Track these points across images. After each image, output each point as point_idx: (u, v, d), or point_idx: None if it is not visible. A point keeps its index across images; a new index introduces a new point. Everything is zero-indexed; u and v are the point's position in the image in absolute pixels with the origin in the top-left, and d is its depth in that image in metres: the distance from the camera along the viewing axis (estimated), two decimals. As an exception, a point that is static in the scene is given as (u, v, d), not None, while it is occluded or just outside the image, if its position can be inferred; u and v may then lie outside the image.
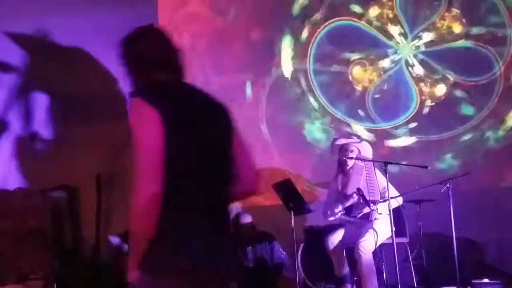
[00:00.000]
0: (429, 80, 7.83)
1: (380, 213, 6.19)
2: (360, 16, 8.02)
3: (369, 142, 6.97)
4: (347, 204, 6.30)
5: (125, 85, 9.19)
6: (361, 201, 6.17)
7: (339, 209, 6.31)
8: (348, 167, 6.38)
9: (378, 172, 6.30)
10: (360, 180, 6.26)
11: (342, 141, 6.56)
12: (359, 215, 6.21)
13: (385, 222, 6.06)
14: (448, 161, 7.71)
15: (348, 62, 8.04)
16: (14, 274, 7.57)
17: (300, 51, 8.16)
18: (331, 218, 6.37)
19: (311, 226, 7.23)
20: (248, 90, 8.30)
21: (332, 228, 6.45)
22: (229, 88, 8.08)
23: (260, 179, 3.18)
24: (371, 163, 6.34)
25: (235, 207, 7.28)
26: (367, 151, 6.50)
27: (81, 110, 8.48)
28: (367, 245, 6.04)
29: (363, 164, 6.31)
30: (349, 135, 7.37)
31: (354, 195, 6.18)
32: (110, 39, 8.97)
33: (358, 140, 6.57)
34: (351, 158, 6.32)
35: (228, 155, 3.05)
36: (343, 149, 6.45)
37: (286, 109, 8.19)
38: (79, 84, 8.47)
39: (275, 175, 7.45)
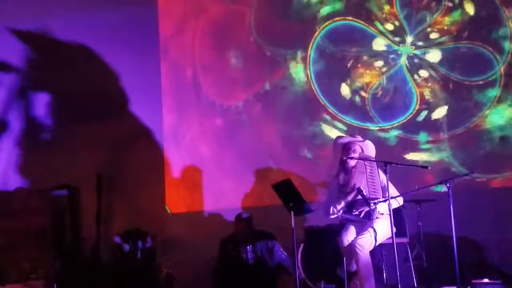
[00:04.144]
0: (429, 80, 7.83)
1: (382, 213, 6.17)
2: (360, 16, 8.03)
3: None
4: (349, 200, 6.25)
5: (125, 85, 9.09)
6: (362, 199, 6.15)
7: (341, 205, 6.27)
8: (350, 166, 6.35)
9: (380, 171, 6.26)
10: (363, 178, 6.23)
11: (345, 139, 6.52)
12: (361, 214, 6.18)
13: (386, 221, 6.04)
14: (448, 161, 7.73)
15: (348, 62, 8.04)
16: (14, 274, 7.58)
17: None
18: (333, 216, 6.33)
19: (311, 226, 7.23)
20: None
21: (341, 226, 6.40)
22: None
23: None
24: (374, 162, 6.30)
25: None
26: (370, 150, 6.46)
27: (81, 110, 8.49)
28: (364, 242, 6.01)
29: (365, 163, 6.27)
30: (352, 134, 7.35)
31: (358, 194, 6.15)
32: (110, 38, 9.06)
33: (362, 139, 6.52)
34: (353, 158, 6.29)
35: None
36: (346, 147, 6.42)
37: (289, 110, 8.22)
38: (79, 84, 8.48)
39: (276, 176, 7.47)
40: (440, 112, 7.79)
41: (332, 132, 7.98)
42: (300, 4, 8.23)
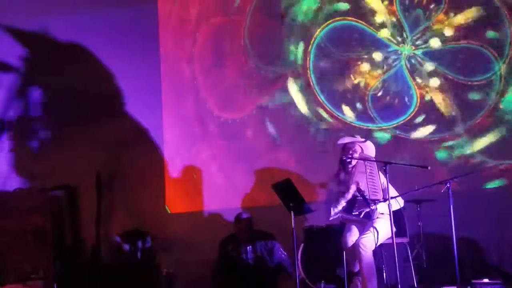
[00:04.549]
0: (430, 80, 7.83)
1: (382, 213, 6.17)
2: (360, 16, 8.02)
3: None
4: (348, 198, 6.23)
5: (125, 85, 9.11)
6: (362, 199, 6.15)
7: (341, 205, 6.26)
8: (350, 166, 6.34)
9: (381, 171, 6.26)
10: (363, 179, 6.23)
11: (345, 140, 6.51)
12: (362, 215, 6.18)
13: (386, 221, 6.05)
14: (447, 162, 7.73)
15: (348, 62, 8.04)
16: (14, 274, 7.58)
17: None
18: (334, 216, 6.32)
19: (311, 226, 7.23)
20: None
21: (342, 226, 6.40)
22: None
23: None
24: (374, 162, 6.29)
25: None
26: (371, 151, 6.46)
27: (81, 110, 8.49)
28: (367, 242, 6.02)
29: (365, 163, 6.26)
30: (352, 134, 7.35)
31: (357, 192, 6.15)
32: (110, 38, 9.06)
33: (362, 140, 6.52)
34: (353, 158, 6.29)
35: None
36: (346, 148, 6.42)
37: (288, 110, 8.23)
38: (79, 84, 8.48)
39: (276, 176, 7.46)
40: (441, 112, 7.79)
41: (331, 132, 7.98)
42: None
